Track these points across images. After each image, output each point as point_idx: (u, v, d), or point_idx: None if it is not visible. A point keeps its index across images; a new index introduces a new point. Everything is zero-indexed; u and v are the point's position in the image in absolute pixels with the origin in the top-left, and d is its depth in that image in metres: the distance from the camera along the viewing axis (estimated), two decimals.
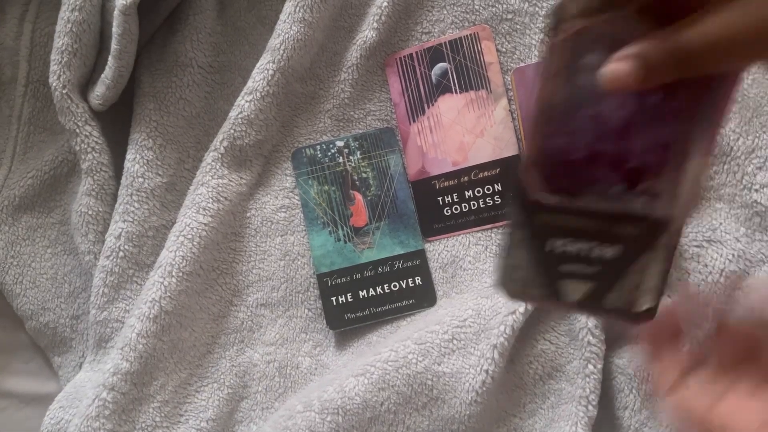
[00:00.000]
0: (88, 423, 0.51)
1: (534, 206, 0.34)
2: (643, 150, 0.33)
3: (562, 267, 0.34)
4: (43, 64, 0.60)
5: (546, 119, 0.33)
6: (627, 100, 0.32)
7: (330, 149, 0.56)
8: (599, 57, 0.31)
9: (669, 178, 0.33)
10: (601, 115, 0.33)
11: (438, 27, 0.55)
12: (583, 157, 0.33)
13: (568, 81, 0.33)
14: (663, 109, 0.32)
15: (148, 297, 0.52)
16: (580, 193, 0.34)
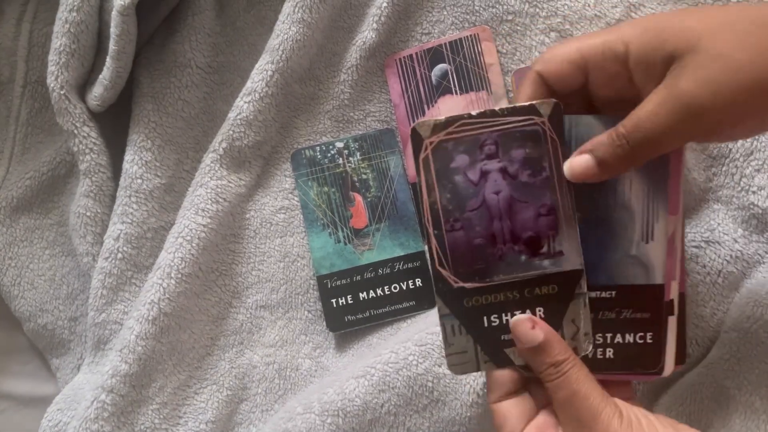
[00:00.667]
0: (87, 425, 0.51)
1: (458, 294, 0.39)
2: (531, 220, 0.39)
3: (503, 337, 0.39)
4: (41, 64, 0.60)
5: (440, 221, 0.39)
6: (501, 186, 0.38)
7: (330, 150, 0.55)
8: (463, 157, 0.38)
9: (566, 235, 0.39)
10: (485, 204, 0.39)
11: (438, 28, 0.55)
12: (483, 241, 0.39)
13: (446, 184, 0.39)
14: (535, 183, 0.38)
15: (146, 299, 0.52)
16: (493, 272, 0.39)
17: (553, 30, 0.52)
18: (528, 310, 0.39)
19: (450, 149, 0.38)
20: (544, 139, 0.38)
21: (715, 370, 0.48)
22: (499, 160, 0.38)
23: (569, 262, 0.39)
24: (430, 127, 0.38)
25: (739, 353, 0.48)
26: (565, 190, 0.38)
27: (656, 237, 0.40)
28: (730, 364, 0.48)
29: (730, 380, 0.48)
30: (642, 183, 0.39)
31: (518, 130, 0.38)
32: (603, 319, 0.41)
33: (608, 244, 0.40)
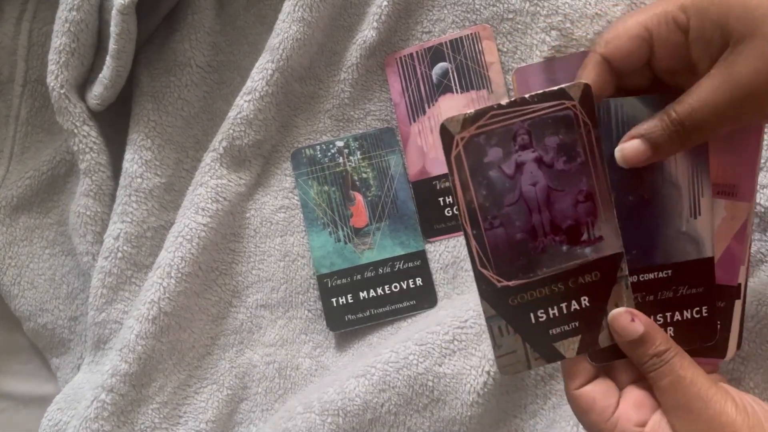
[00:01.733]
0: (87, 425, 0.51)
1: (502, 293, 0.38)
2: (570, 209, 0.38)
3: (551, 331, 0.39)
4: (40, 63, 0.60)
5: (477, 220, 0.38)
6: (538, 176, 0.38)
7: (330, 149, 0.55)
8: (496, 151, 0.37)
9: (605, 220, 0.38)
10: (522, 197, 0.38)
11: (438, 26, 0.55)
12: (523, 235, 0.38)
13: (481, 181, 0.37)
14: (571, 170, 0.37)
15: (146, 298, 0.52)
16: (536, 266, 0.38)
17: (554, 28, 0.52)
18: (573, 300, 0.39)
19: (482, 143, 0.37)
20: (576, 123, 0.37)
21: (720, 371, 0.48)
22: (533, 149, 0.37)
23: (610, 246, 0.38)
24: (460, 123, 0.37)
25: (743, 353, 0.48)
26: (601, 173, 0.38)
27: (703, 211, 0.40)
28: (734, 364, 0.48)
29: (735, 382, 0.47)
30: (686, 158, 0.39)
31: (550, 116, 0.37)
32: (662, 299, 0.40)
33: (660, 222, 0.40)
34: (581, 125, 0.37)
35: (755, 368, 0.47)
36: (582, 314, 0.39)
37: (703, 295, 0.40)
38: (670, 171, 0.39)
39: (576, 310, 0.39)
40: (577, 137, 0.37)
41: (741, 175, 0.40)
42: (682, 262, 0.40)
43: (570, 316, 0.39)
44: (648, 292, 0.40)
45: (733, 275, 0.41)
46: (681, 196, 0.39)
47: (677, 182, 0.39)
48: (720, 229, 0.40)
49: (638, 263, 0.40)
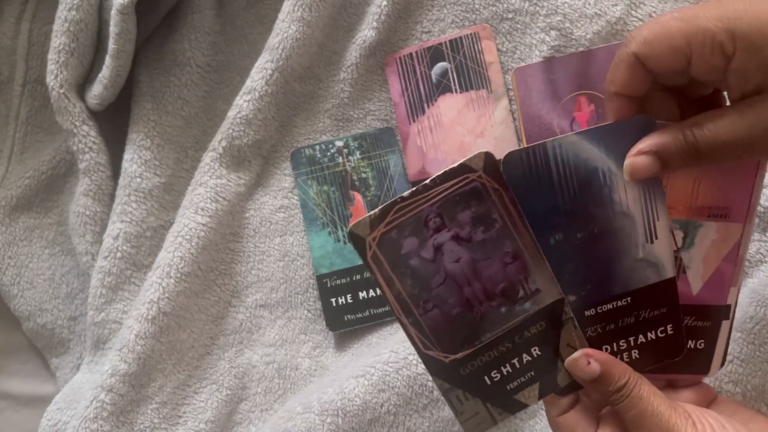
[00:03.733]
0: (86, 425, 0.50)
1: (453, 366, 0.39)
2: (500, 272, 0.38)
3: (509, 386, 0.40)
4: (40, 63, 0.60)
5: (410, 308, 0.38)
6: (459, 252, 0.38)
7: (329, 149, 0.55)
8: (411, 241, 0.37)
9: (538, 272, 0.38)
10: (449, 276, 0.38)
11: (438, 26, 0.55)
12: (459, 310, 0.38)
13: (404, 272, 0.38)
14: (491, 237, 0.38)
15: (146, 298, 0.52)
16: (480, 333, 0.39)
17: (554, 28, 0.52)
18: (524, 353, 0.39)
19: (395, 237, 0.37)
20: (485, 192, 0.37)
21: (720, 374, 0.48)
22: (448, 229, 0.38)
23: (549, 295, 0.39)
24: (368, 225, 0.37)
25: (742, 354, 0.48)
26: (522, 230, 0.38)
27: (660, 235, 0.39)
28: (733, 366, 0.48)
29: (732, 384, 0.47)
30: (636, 186, 0.38)
31: (458, 193, 0.37)
32: (623, 325, 0.40)
33: (615, 254, 0.39)
34: (491, 192, 0.37)
35: (754, 370, 0.47)
36: (535, 363, 0.40)
37: (667, 314, 0.41)
38: (620, 202, 0.39)
39: (528, 360, 0.39)
40: (490, 205, 0.37)
41: (735, 199, 0.40)
42: (642, 288, 0.40)
43: (524, 368, 0.40)
44: (608, 322, 0.40)
45: (722, 295, 0.41)
46: (634, 225, 0.39)
47: (629, 212, 0.39)
48: (710, 250, 0.40)
49: (595, 297, 0.40)
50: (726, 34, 0.33)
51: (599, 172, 0.38)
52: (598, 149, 0.38)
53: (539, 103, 0.52)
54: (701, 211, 0.40)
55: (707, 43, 0.34)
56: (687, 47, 0.34)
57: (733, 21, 0.33)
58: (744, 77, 0.34)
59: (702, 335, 0.41)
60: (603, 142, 0.38)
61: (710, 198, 0.40)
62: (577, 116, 0.52)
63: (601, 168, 0.38)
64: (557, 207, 0.38)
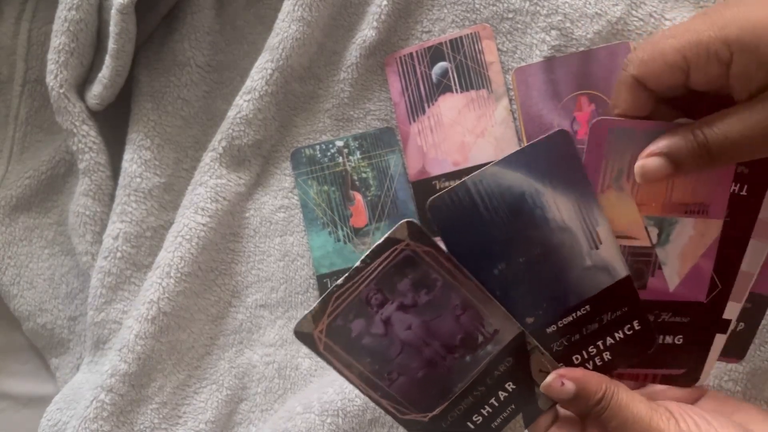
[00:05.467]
0: (86, 425, 0.50)
1: (433, 422, 0.40)
2: (454, 325, 0.39)
3: (493, 425, 0.41)
4: (40, 63, 0.60)
5: (376, 383, 0.39)
6: (408, 319, 0.39)
7: (329, 149, 0.55)
8: (358, 323, 0.38)
9: (491, 313, 0.39)
10: (405, 343, 0.39)
11: (438, 26, 0.55)
12: (425, 371, 0.39)
13: (361, 353, 0.39)
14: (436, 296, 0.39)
15: (146, 298, 0.52)
16: (451, 386, 0.40)
17: (554, 28, 0.52)
18: (499, 391, 0.41)
19: (342, 324, 0.38)
20: (418, 257, 0.38)
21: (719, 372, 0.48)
22: (391, 301, 0.38)
23: (508, 332, 0.40)
24: (310, 321, 0.38)
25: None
26: (464, 280, 0.39)
27: (603, 239, 0.40)
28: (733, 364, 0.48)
29: (733, 382, 0.47)
30: (567, 199, 0.39)
31: (391, 266, 0.38)
32: (589, 333, 0.41)
33: (562, 269, 0.40)
34: (423, 256, 0.38)
35: (754, 368, 0.47)
36: (513, 397, 0.41)
37: (630, 312, 0.41)
38: (555, 219, 0.40)
39: (506, 396, 0.41)
40: (426, 267, 0.38)
41: (713, 194, 0.40)
42: (598, 293, 0.41)
43: (503, 404, 0.41)
44: (572, 333, 0.41)
45: (701, 292, 0.41)
46: (575, 237, 0.40)
47: (566, 226, 0.40)
48: (687, 247, 0.41)
49: (553, 313, 0.41)
50: (719, 42, 0.34)
51: (527, 196, 0.39)
52: (520, 174, 0.39)
53: (540, 103, 0.52)
54: (677, 208, 0.40)
55: (702, 55, 0.34)
56: (683, 62, 0.35)
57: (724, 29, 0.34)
58: (746, 79, 0.34)
59: (679, 331, 0.42)
60: (523, 166, 0.39)
61: (686, 194, 0.40)
62: (578, 116, 0.52)
63: (528, 191, 0.39)
64: (494, 238, 0.39)
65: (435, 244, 0.38)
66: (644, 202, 0.40)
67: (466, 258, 0.39)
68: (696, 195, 0.40)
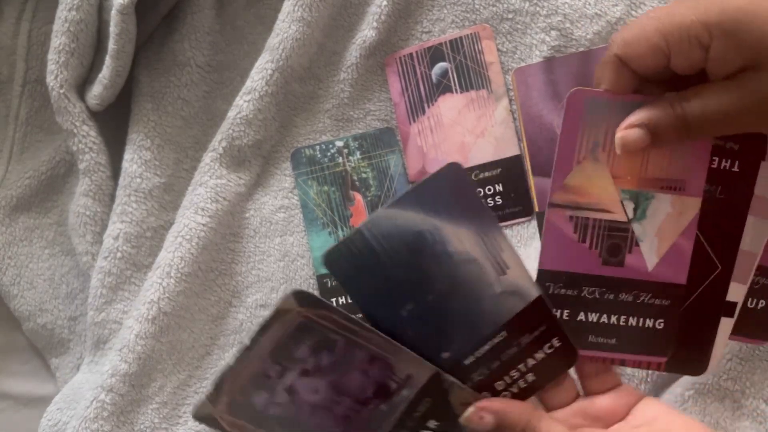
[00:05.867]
0: (86, 425, 0.50)
1: None
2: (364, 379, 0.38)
3: None
4: (40, 63, 0.60)
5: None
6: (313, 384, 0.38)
7: (329, 149, 0.55)
8: (261, 396, 0.37)
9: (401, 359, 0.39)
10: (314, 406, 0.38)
11: (438, 26, 0.55)
12: (342, 427, 0.39)
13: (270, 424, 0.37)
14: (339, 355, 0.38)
15: (146, 298, 0.52)
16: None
17: (554, 28, 0.52)
18: (423, 430, 0.40)
19: (242, 401, 0.37)
20: (312, 322, 0.37)
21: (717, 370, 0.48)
22: (291, 370, 0.37)
23: (421, 374, 0.39)
24: (208, 404, 0.37)
25: (741, 353, 0.48)
26: (366, 333, 0.38)
27: (510, 263, 0.40)
28: (732, 364, 0.48)
29: (732, 381, 0.48)
30: (468, 230, 0.39)
31: (286, 335, 0.37)
32: (508, 358, 0.41)
33: (472, 300, 0.40)
34: (317, 320, 0.37)
35: (751, 369, 0.47)
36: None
37: (548, 330, 0.41)
38: (458, 251, 0.39)
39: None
40: (322, 330, 0.37)
41: (690, 169, 0.40)
42: (512, 318, 0.40)
43: None
44: (491, 360, 0.41)
45: (680, 273, 0.41)
46: (481, 266, 0.39)
47: (470, 257, 0.39)
48: (664, 225, 0.40)
49: (469, 345, 0.40)
50: (700, 25, 0.35)
51: (425, 234, 0.38)
52: (415, 213, 0.38)
53: (540, 104, 0.52)
54: (653, 183, 0.40)
55: (683, 38, 0.35)
56: (665, 44, 0.36)
57: (705, 13, 0.35)
58: (724, 63, 0.35)
59: (660, 314, 0.41)
60: (417, 205, 0.38)
61: (661, 170, 0.40)
62: None
63: (425, 229, 0.38)
64: (398, 280, 0.39)
65: (329, 306, 0.37)
66: (619, 175, 0.40)
67: (372, 305, 0.39)
68: (671, 170, 0.40)
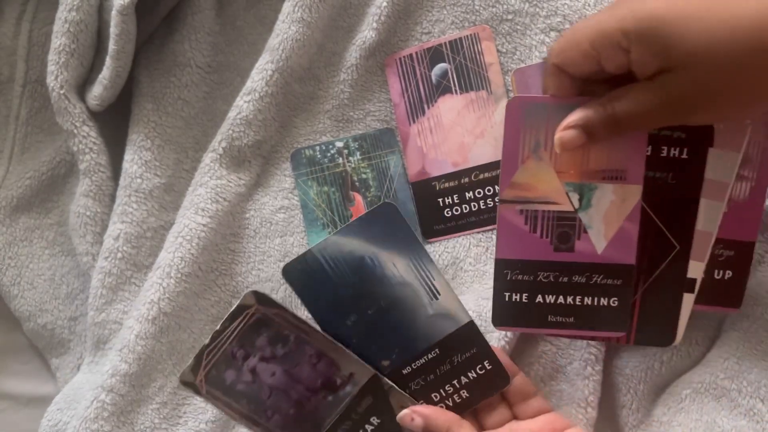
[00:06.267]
0: (87, 425, 0.50)
1: None
2: (312, 372, 0.46)
3: None
4: (40, 64, 0.60)
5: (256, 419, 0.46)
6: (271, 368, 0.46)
7: (329, 150, 0.55)
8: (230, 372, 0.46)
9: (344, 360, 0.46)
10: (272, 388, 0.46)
11: (438, 27, 0.55)
12: (294, 410, 0.46)
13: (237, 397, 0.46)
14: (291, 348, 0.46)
15: (146, 298, 0.52)
16: (320, 422, 0.46)
17: (553, 29, 0.52)
18: (366, 425, 0.46)
19: (216, 373, 0.45)
20: (268, 319, 0.46)
21: (715, 369, 0.48)
22: (253, 355, 0.46)
23: (362, 374, 0.46)
24: (190, 372, 0.45)
25: (739, 352, 0.48)
26: (313, 333, 0.46)
27: (441, 291, 0.47)
28: (729, 363, 0.48)
29: (729, 380, 0.48)
30: (402, 258, 0.46)
31: (247, 327, 0.45)
32: (442, 373, 0.47)
33: (408, 318, 0.47)
34: (272, 317, 0.45)
35: (749, 368, 0.48)
36: (379, 430, 0.46)
37: (479, 353, 0.47)
38: (393, 275, 0.46)
39: (372, 429, 0.46)
40: (277, 326, 0.46)
41: (629, 159, 0.44)
42: (444, 338, 0.47)
43: None
44: (426, 373, 0.47)
45: (629, 254, 0.45)
46: (415, 289, 0.46)
47: (405, 281, 0.46)
48: (609, 211, 0.44)
49: (406, 357, 0.47)
50: (620, 33, 0.38)
51: (366, 258, 0.46)
52: (357, 240, 0.46)
53: None
54: (594, 174, 0.44)
55: (607, 44, 0.39)
56: (594, 51, 0.40)
57: (623, 20, 0.38)
58: (643, 65, 0.39)
59: (613, 293, 0.45)
60: (359, 234, 0.46)
61: (602, 161, 0.44)
62: None
63: (366, 254, 0.46)
64: (343, 295, 0.46)
65: (281, 306, 0.46)
66: (563, 170, 0.44)
67: (322, 313, 0.47)
68: (611, 162, 0.44)
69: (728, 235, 0.46)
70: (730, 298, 0.47)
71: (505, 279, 0.46)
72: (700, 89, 0.38)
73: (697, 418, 0.48)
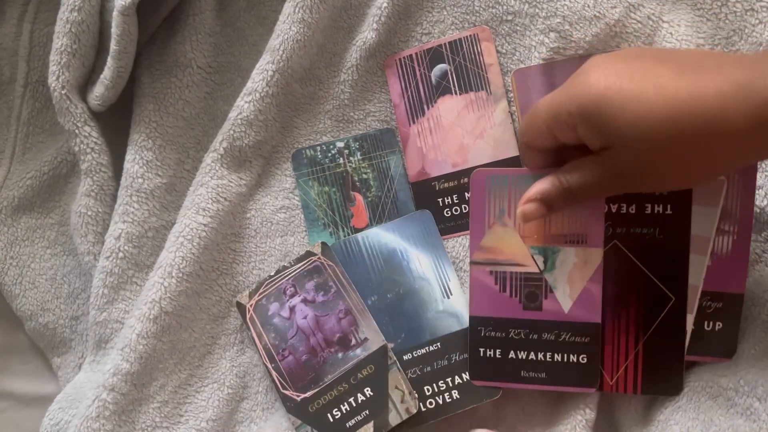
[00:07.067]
0: (88, 424, 0.51)
1: (303, 404, 0.50)
2: (336, 325, 0.51)
3: (348, 424, 0.49)
4: (42, 64, 0.60)
5: (273, 355, 0.51)
6: (306, 311, 0.52)
7: (330, 150, 0.56)
8: (275, 305, 0.52)
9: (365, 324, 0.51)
10: (299, 329, 0.51)
11: (438, 28, 0.55)
12: (307, 356, 0.51)
13: (269, 328, 0.52)
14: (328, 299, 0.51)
15: (147, 298, 0.52)
16: (323, 375, 0.50)
17: (553, 30, 0.52)
18: (358, 393, 0.49)
19: (264, 303, 0.52)
20: (324, 268, 0.52)
21: (713, 369, 0.48)
22: (299, 295, 0.52)
23: (374, 342, 0.50)
24: (248, 296, 0.53)
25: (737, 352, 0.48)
26: (351, 293, 0.51)
27: (454, 292, 0.51)
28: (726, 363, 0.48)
29: (726, 379, 0.48)
30: (427, 257, 0.52)
31: (305, 270, 0.52)
32: (439, 368, 0.50)
33: (420, 308, 0.51)
34: (326, 268, 0.52)
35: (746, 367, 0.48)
36: (369, 403, 0.49)
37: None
38: (416, 269, 0.52)
39: (363, 400, 0.49)
40: (327, 276, 0.52)
41: (589, 225, 0.48)
42: (447, 335, 0.50)
43: (359, 407, 0.49)
44: (424, 364, 0.50)
45: (595, 313, 0.48)
46: (431, 285, 0.52)
47: (424, 276, 0.52)
48: (572, 273, 0.48)
49: (409, 343, 0.51)
50: (566, 113, 0.42)
51: (397, 251, 0.52)
52: (394, 235, 0.53)
53: None
54: (557, 239, 0.48)
55: (557, 124, 0.43)
56: (548, 130, 0.44)
57: (569, 101, 0.42)
58: (590, 141, 0.42)
59: (582, 350, 0.48)
60: (396, 231, 0.53)
61: (563, 227, 0.48)
62: None
63: (398, 248, 0.52)
64: (371, 277, 0.52)
65: (337, 261, 0.52)
66: (527, 235, 0.48)
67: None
68: (571, 227, 0.48)
69: (715, 288, 0.48)
70: (723, 349, 0.48)
71: (480, 335, 0.49)
72: (639, 165, 0.41)
73: (694, 417, 0.48)
